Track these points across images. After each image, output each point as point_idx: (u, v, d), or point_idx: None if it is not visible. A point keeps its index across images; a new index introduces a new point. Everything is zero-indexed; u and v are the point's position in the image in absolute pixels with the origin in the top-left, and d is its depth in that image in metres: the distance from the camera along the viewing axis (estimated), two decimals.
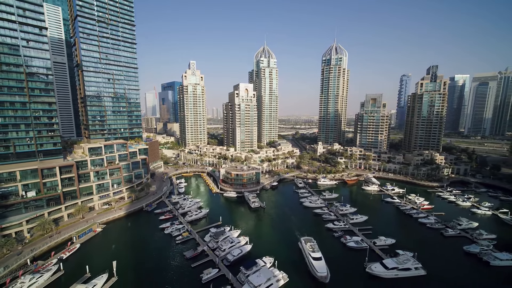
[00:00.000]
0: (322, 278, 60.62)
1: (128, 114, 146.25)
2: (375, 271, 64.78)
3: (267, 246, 79.82)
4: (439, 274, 66.44)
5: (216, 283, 60.25)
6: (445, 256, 75.74)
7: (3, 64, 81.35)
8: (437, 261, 72.46)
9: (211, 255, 73.10)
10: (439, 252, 78.06)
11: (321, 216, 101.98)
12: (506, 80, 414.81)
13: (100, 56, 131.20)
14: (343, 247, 79.56)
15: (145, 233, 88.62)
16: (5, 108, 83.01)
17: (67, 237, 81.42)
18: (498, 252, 73.70)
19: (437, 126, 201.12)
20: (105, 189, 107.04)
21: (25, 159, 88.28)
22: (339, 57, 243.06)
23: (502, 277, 65.95)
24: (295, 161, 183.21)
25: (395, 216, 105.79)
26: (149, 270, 67.22)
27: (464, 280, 64.70)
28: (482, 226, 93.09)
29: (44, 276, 61.99)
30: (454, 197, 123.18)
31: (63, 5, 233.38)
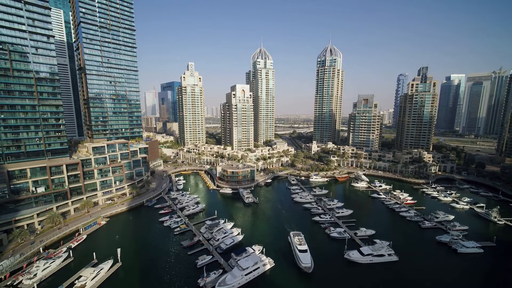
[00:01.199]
0: (306, 269, 66.78)
1: (129, 114, 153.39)
2: (352, 257, 72.31)
3: (257, 236, 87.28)
4: (410, 260, 74.00)
5: (209, 267, 67.74)
6: (418, 245, 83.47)
7: (15, 70, 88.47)
8: (410, 249, 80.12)
9: (206, 244, 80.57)
10: (414, 241, 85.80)
11: (309, 210, 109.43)
12: (499, 80, 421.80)
13: (102, 60, 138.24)
14: (327, 237, 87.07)
15: (146, 226, 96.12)
16: (17, 110, 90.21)
17: (74, 229, 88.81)
18: (466, 241, 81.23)
19: (427, 125, 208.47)
20: (108, 185, 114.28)
21: (34, 158, 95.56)
22: (334, 58, 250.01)
23: (466, 262, 73.56)
24: (290, 160, 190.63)
25: (378, 210, 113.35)
26: (149, 257, 74.77)
27: (432, 265, 72.26)
28: (458, 219, 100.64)
29: (56, 261, 69.42)
30: (437, 193, 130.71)
31: (64, 8, 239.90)
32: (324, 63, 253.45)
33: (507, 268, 71.27)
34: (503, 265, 72.90)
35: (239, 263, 64.98)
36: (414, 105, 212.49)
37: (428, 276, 67.32)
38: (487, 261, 74.34)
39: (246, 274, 62.85)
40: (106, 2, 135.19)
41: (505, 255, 77.09)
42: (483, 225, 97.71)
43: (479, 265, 72.62)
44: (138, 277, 66.30)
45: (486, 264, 72.95)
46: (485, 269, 71.28)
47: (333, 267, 70.88)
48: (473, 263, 73.56)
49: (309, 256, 70.61)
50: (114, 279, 65.19)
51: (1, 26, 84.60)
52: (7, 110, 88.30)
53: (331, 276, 66.82)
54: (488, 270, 71.00)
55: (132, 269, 69.18)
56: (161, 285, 62.58)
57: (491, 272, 70.32)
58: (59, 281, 62.69)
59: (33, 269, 65.33)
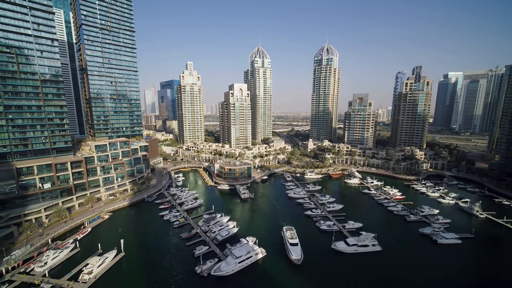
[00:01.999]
0: (296, 261, 71.40)
1: (129, 114, 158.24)
2: (338, 248, 77.98)
3: (252, 229, 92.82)
4: (393, 250, 79.60)
5: (205, 256, 73.36)
6: (402, 236, 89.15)
7: (21, 73, 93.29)
8: (394, 240, 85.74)
9: (203, 236, 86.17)
10: (398, 233, 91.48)
11: (302, 205, 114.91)
12: (496, 78, 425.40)
13: (103, 61, 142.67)
14: (317, 230, 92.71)
15: (147, 220, 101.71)
16: (24, 111, 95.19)
17: (79, 222, 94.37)
18: (446, 233, 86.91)
19: (421, 123, 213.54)
20: (110, 182, 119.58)
21: (40, 156, 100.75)
22: (330, 57, 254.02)
23: (444, 252, 79.19)
24: (286, 157, 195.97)
25: (368, 205, 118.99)
26: (150, 247, 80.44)
27: (412, 254, 77.96)
28: (443, 213, 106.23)
29: (64, 251, 75.03)
30: (426, 189, 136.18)
31: (64, 8, 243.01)
32: (320, 62, 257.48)
33: (482, 257, 77.11)
34: (479, 254, 78.69)
35: (233, 252, 70.59)
36: (408, 104, 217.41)
37: (408, 264, 72.97)
38: (464, 251, 79.97)
39: (239, 262, 68.46)
40: (106, 4, 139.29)
41: (481, 246, 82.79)
42: (465, 219, 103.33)
43: (457, 254, 78.20)
44: (140, 265, 71.89)
45: (463, 254, 78.58)
46: (461, 258, 76.84)
47: (320, 257, 76.41)
48: (451, 253, 79.14)
49: (299, 249, 75.02)
50: (118, 267, 70.81)
51: (9, 31, 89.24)
52: (14, 110, 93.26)
53: (318, 264, 72.30)
54: (464, 259, 76.59)
55: (134, 258, 74.80)
56: (161, 272, 68.16)
57: (466, 260, 75.99)
58: (68, 269, 68.28)
59: (43, 258, 70.94)
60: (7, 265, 67.48)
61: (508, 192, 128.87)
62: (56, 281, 63.55)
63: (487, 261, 75.29)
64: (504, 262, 75.98)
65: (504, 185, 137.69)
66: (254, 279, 66.62)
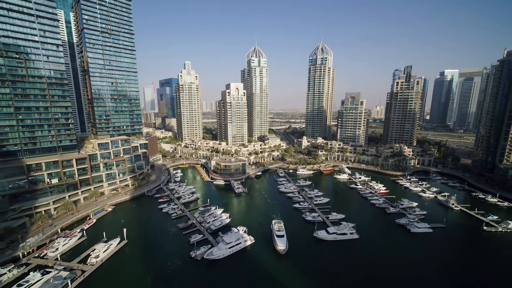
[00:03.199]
0: (281, 251, 78.23)
1: (129, 113, 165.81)
2: (320, 236, 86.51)
3: (243, 220, 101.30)
4: (369, 237, 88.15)
5: (200, 243, 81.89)
6: (379, 226, 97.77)
7: (30, 76, 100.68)
8: (372, 229, 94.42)
9: (198, 226, 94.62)
10: (377, 223, 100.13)
11: (292, 198, 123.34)
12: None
13: (104, 63, 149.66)
14: (303, 220, 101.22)
15: (147, 212, 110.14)
16: (32, 112, 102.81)
17: (85, 214, 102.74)
18: (420, 223, 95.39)
19: (411, 121, 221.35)
20: (113, 177, 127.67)
21: (48, 153, 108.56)
22: (325, 56, 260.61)
23: (416, 239, 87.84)
24: (280, 154, 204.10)
25: (353, 199, 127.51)
26: (150, 236, 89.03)
27: (387, 241, 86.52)
28: (421, 205, 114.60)
29: (73, 239, 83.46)
30: (409, 184, 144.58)
31: (65, 9, 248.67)
32: (315, 61, 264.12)
33: (448, 243, 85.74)
34: (446, 241, 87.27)
35: (224, 239, 79.12)
36: (399, 102, 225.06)
37: (382, 250, 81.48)
38: (434, 238, 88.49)
39: (229, 247, 76.97)
40: (106, 9, 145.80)
41: (450, 234, 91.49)
42: (441, 211, 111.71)
43: (426, 241, 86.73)
44: (141, 251, 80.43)
45: (432, 241, 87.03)
46: (430, 244, 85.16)
47: (304, 244, 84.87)
48: (422, 240, 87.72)
49: (285, 241, 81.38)
50: (122, 252, 79.36)
51: (18, 38, 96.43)
52: (24, 111, 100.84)
53: (301, 250, 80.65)
54: (432, 245, 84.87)
55: (136, 245, 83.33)
56: (159, 257, 76.65)
57: (434, 246, 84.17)
58: (77, 254, 76.81)
59: (54, 244, 79.36)
60: (23, 250, 75.95)
61: (486, 187, 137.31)
62: (67, 263, 72.06)
63: (453, 247, 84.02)
64: (467, 247, 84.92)
65: (483, 180, 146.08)
66: (242, 263, 75.15)
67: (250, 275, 69.36)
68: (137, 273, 69.46)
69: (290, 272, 70.57)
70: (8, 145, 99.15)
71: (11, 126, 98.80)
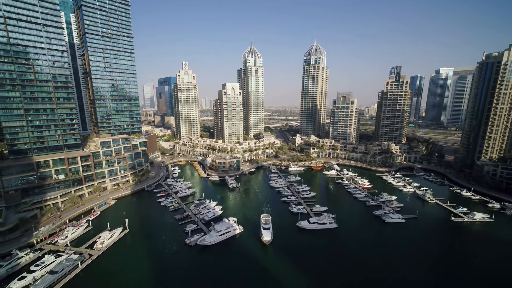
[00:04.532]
0: (266, 241, 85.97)
1: (129, 113, 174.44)
2: (302, 225, 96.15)
3: (234, 212, 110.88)
4: (347, 227, 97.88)
5: (194, 232, 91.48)
6: (358, 217, 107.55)
7: (37, 81, 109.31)
8: (350, 220, 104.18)
9: (193, 217, 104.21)
10: (355, 215, 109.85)
11: (281, 193, 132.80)
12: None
13: (105, 65, 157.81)
14: (289, 212, 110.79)
15: (147, 205, 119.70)
16: (40, 113, 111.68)
17: (90, 207, 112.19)
18: (394, 214, 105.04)
19: (400, 120, 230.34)
20: (114, 174, 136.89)
21: (55, 151, 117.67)
22: (318, 57, 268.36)
23: (389, 228, 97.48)
24: (274, 151, 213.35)
25: (338, 193, 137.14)
26: (150, 225, 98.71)
27: (362, 230, 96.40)
28: (400, 199, 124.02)
29: (80, 229, 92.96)
30: (393, 179, 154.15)
31: (65, 10, 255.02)
32: (309, 61, 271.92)
33: (417, 232, 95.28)
34: (415, 230, 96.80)
35: (215, 227, 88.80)
36: (388, 102, 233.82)
37: (356, 237, 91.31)
38: (405, 228, 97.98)
39: (219, 235, 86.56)
40: (107, 14, 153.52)
41: (420, 224, 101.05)
42: (417, 204, 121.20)
43: (398, 230, 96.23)
44: (141, 238, 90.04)
45: (403, 230, 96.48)
46: (401, 233, 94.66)
47: (287, 232, 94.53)
48: (394, 229, 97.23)
49: (270, 233, 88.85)
50: (124, 240, 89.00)
51: (27, 46, 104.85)
52: (33, 113, 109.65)
53: (284, 237, 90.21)
54: (403, 233, 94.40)
55: (136, 233, 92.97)
56: (158, 243, 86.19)
57: (404, 234, 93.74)
58: (85, 241, 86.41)
59: (64, 233, 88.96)
60: (36, 237, 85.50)
61: (464, 182, 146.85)
62: (76, 249, 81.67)
63: (420, 235, 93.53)
64: (433, 235, 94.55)
65: (462, 176, 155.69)
66: (231, 248, 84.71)
67: (237, 259, 79.00)
68: (138, 257, 79.17)
69: (274, 256, 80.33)
70: (19, 144, 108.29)
71: (21, 127, 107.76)
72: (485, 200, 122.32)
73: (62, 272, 68.82)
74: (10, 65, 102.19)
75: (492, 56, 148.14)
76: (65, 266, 70.58)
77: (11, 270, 70.67)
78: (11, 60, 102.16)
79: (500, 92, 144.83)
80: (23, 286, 64.55)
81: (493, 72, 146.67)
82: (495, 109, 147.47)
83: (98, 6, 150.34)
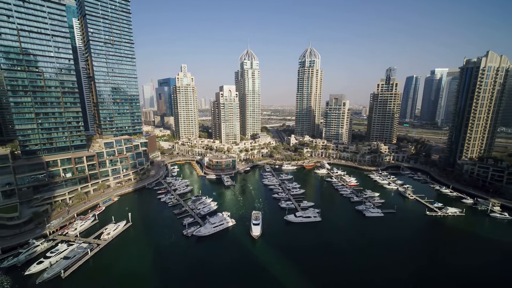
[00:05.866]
0: (255, 236, 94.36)
1: (130, 115, 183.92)
2: (289, 218, 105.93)
3: (228, 207, 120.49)
4: (330, 220, 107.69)
5: (191, 225, 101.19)
6: (341, 211, 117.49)
7: (47, 87, 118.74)
8: (334, 214, 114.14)
9: (190, 212, 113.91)
10: (339, 209, 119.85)
11: (273, 190, 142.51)
12: None
13: (107, 70, 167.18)
14: (278, 207, 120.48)
15: (147, 201, 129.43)
16: (49, 117, 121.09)
17: (95, 203, 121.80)
18: (374, 209, 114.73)
19: (390, 121, 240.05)
20: (117, 172, 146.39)
21: (62, 152, 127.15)
22: (313, 59, 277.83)
23: (368, 222, 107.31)
24: (268, 151, 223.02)
25: (326, 190, 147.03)
26: (150, 219, 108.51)
27: (344, 223, 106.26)
28: (382, 195, 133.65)
29: (87, 222, 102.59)
30: (379, 177, 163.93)
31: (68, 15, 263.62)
32: (304, 64, 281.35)
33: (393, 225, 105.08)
34: (392, 223, 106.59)
35: (209, 220, 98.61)
36: (379, 103, 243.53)
37: (338, 229, 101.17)
38: (384, 221, 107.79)
39: (213, 226, 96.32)
40: (109, 22, 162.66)
41: (398, 217, 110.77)
42: (397, 200, 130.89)
43: (377, 223, 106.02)
44: (143, 230, 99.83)
45: (381, 223, 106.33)
46: (379, 225, 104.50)
47: (276, 225, 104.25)
48: (373, 222, 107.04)
49: (259, 228, 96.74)
50: (128, 231, 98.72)
51: (38, 55, 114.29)
52: (42, 116, 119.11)
53: (273, 229, 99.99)
54: (381, 225, 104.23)
55: (139, 226, 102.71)
56: (158, 235, 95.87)
57: (382, 226, 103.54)
58: (92, 232, 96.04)
59: (73, 225, 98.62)
60: (49, 229, 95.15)
61: (445, 180, 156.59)
62: (85, 239, 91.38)
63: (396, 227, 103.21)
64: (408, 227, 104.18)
65: (444, 175, 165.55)
66: (224, 238, 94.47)
67: (229, 248, 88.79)
68: (140, 246, 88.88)
69: (261, 244, 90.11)
70: (30, 145, 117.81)
71: (32, 129, 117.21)
72: (461, 197, 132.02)
73: (74, 258, 78.58)
74: (22, 73, 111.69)
75: (471, 61, 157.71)
76: (76, 253, 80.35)
77: (29, 256, 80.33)
78: (23, 68, 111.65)
79: (479, 96, 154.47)
80: (41, 269, 74.22)
81: (472, 77, 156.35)
82: (474, 112, 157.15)
83: (101, 14, 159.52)
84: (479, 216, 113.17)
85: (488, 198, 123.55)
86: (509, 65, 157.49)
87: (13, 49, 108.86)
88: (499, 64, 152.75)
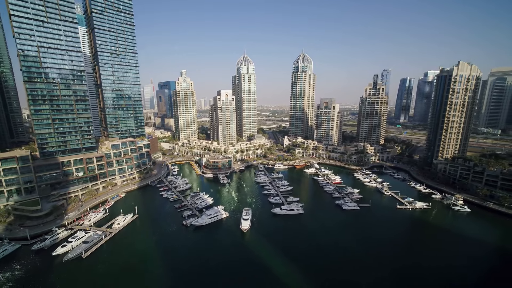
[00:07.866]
0: (244, 229, 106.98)
1: (134, 119, 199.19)
2: (275, 211, 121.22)
3: (223, 202, 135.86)
4: (311, 213, 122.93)
5: (189, 216, 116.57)
6: (322, 205, 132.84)
7: (62, 96, 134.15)
8: (315, 207, 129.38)
9: (189, 206, 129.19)
10: (321, 204, 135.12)
11: (264, 187, 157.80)
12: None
13: (113, 78, 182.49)
14: (267, 202, 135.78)
15: (151, 197, 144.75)
16: (64, 122, 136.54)
17: (105, 198, 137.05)
18: (351, 203, 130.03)
19: (377, 123, 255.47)
20: (123, 171, 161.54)
21: (75, 153, 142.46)
22: (305, 65, 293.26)
23: (345, 214, 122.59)
24: (263, 152, 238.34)
25: (311, 187, 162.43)
26: (154, 212, 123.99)
27: (323, 215, 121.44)
28: (362, 192, 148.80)
29: (99, 214, 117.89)
30: (362, 176, 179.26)
31: None
32: (297, 69, 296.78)
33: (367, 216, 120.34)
34: (366, 214, 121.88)
35: (206, 212, 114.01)
36: (367, 106, 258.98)
37: (317, 220, 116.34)
38: (358, 214, 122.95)
39: (209, 218, 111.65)
40: (115, 35, 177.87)
41: (371, 211, 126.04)
42: (375, 196, 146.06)
43: (352, 215, 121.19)
44: (148, 221, 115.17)
45: (357, 215, 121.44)
46: (354, 217, 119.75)
47: (263, 217, 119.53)
48: (349, 215, 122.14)
49: (248, 223, 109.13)
50: (135, 222, 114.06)
51: (55, 67, 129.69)
52: (58, 122, 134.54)
53: (260, 220, 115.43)
54: (355, 217, 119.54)
55: (144, 218, 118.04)
56: (161, 225, 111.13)
57: (356, 218, 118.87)
58: (104, 223, 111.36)
59: (87, 217, 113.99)
60: (67, 220, 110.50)
61: (421, 178, 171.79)
62: (98, 228, 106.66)
63: (369, 219, 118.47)
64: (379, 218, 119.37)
65: (421, 173, 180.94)
66: (218, 228, 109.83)
67: (223, 236, 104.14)
68: (146, 234, 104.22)
69: (250, 233, 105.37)
70: (48, 147, 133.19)
71: (49, 133, 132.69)
72: (432, 192, 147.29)
73: (92, 242, 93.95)
74: (41, 84, 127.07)
75: (445, 70, 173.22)
76: (93, 239, 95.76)
77: (53, 241, 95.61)
78: (42, 80, 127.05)
79: (452, 101, 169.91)
80: (65, 251, 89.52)
81: (445, 84, 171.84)
82: (448, 116, 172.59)
83: (107, 28, 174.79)
84: (443, 209, 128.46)
85: (454, 194, 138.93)
86: (479, 73, 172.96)
87: (33, 63, 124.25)
88: (470, 72, 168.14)
